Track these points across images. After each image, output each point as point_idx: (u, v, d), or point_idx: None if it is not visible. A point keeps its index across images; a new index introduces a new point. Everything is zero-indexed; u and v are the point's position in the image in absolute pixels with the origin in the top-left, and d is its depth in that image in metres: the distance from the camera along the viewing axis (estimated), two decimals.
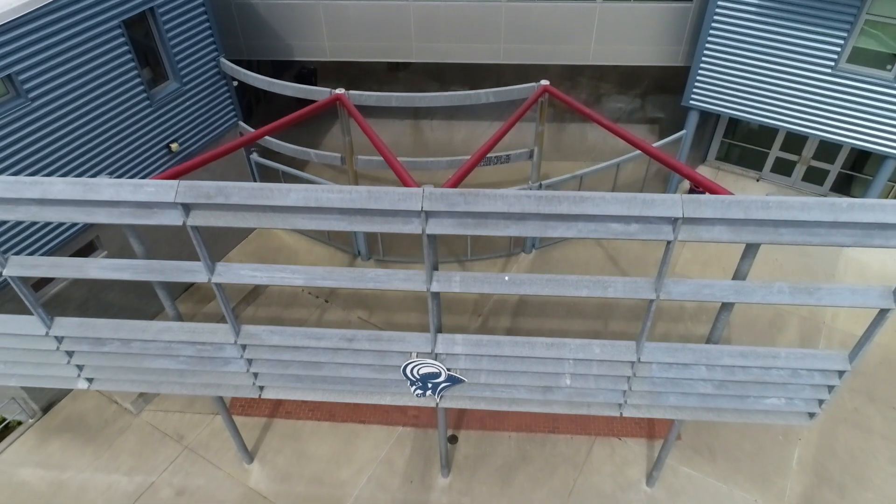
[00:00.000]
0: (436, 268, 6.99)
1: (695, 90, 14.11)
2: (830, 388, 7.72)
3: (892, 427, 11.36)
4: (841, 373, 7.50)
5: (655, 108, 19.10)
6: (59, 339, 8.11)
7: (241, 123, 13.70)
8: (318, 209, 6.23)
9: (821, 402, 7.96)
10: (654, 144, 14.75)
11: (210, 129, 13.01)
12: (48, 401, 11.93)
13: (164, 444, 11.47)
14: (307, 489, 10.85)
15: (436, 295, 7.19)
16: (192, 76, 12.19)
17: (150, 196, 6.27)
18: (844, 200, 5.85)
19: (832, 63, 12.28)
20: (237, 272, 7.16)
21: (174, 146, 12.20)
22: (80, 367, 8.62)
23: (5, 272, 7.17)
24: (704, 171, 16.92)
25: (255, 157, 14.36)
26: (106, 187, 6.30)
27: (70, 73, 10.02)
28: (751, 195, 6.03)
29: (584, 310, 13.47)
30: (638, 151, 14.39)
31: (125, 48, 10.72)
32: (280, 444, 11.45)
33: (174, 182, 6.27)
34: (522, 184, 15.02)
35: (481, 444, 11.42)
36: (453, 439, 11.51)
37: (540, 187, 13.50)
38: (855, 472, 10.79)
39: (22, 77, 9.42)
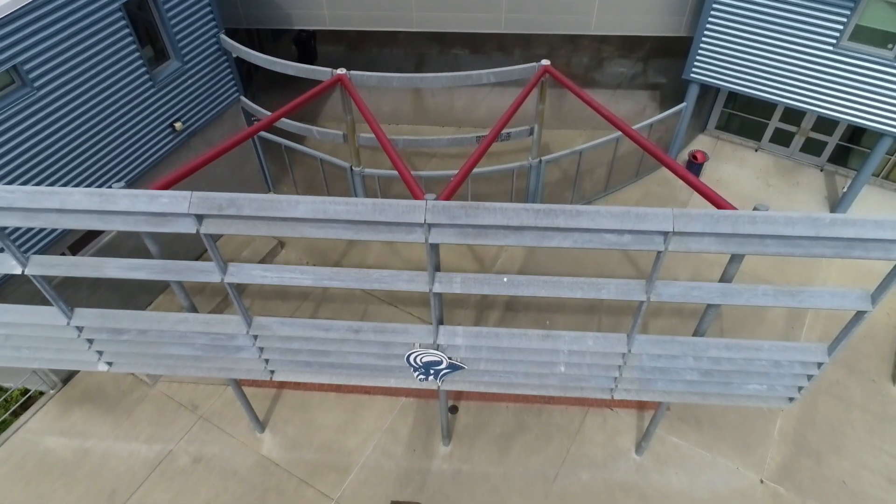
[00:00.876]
0: (438, 269, 7.35)
1: (696, 63, 14.07)
2: (809, 376, 8.21)
3: (870, 399, 11.96)
4: (820, 364, 7.96)
5: (658, 72, 18.96)
6: (80, 329, 8.55)
7: (243, 98, 13.74)
8: (325, 220, 6.53)
9: (800, 388, 8.46)
10: (655, 118, 14.87)
11: (213, 105, 13.09)
12: (68, 372, 12.50)
13: (180, 413, 12.10)
14: (316, 457, 11.53)
15: (437, 294, 7.55)
16: (193, 54, 12.19)
17: (165, 207, 6.56)
18: (827, 216, 6.13)
19: (834, 40, 12.24)
20: (248, 273, 7.51)
21: (178, 125, 12.31)
22: (100, 353, 9.10)
23: (27, 271, 7.54)
24: (704, 141, 17.02)
25: None
26: (122, 198, 6.59)
27: (73, 59, 10.07)
28: (740, 212, 6.31)
29: None
30: (638, 125, 14.56)
31: (126, 31, 10.71)
32: (289, 414, 12.08)
33: (187, 193, 6.55)
34: (522, 155, 15.17)
35: (480, 414, 12.04)
36: (454, 410, 12.13)
37: (540, 163, 13.68)
38: (832, 442, 11.44)
39: (27, 66, 9.50)
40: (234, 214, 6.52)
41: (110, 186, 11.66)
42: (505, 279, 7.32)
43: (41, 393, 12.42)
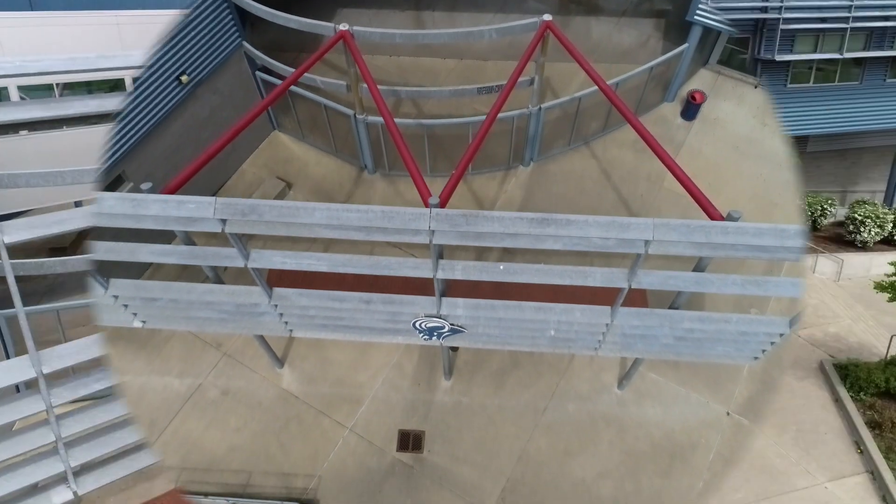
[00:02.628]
0: (441, 257, 8.10)
1: (700, 5, 13.93)
2: (772, 342, 9.19)
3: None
4: (782, 334, 8.92)
5: None
6: (116, 296, 9.42)
7: (245, 44, 13.75)
8: (339, 226, 7.21)
9: (764, 350, 9.48)
10: (656, 61, 14.90)
11: (216, 54, 13.16)
12: None
13: (206, 351, 13.28)
14: (331, 390, 12.83)
15: (441, 279, 8.36)
16: (194, 5, 12.14)
17: (192, 212, 7.22)
18: (792, 228, 6.81)
19: None
20: (269, 259, 8.26)
21: (184, 78, 12.50)
22: (135, 314, 10.04)
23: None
24: (705, 76, 17.02)
25: (261, 74, 14.54)
26: (152, 203, 7.24)
27: None
28: (713, 223, 6.96)
29: None
30: (635, 70, 14.65)
31: None
32: (306, 352, 13.27)
33: (212, 199, 7.18)
34: (523, 95, 15.31)
35: (479, 352, 13.20)
36: (454, 348, 13.29)
37: (539, 110, 13.96)
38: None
39: None
40: (255, 220, 7.19)
41: (124, 152, 12.15)
42: (501, 267, 8.11)
43: None
